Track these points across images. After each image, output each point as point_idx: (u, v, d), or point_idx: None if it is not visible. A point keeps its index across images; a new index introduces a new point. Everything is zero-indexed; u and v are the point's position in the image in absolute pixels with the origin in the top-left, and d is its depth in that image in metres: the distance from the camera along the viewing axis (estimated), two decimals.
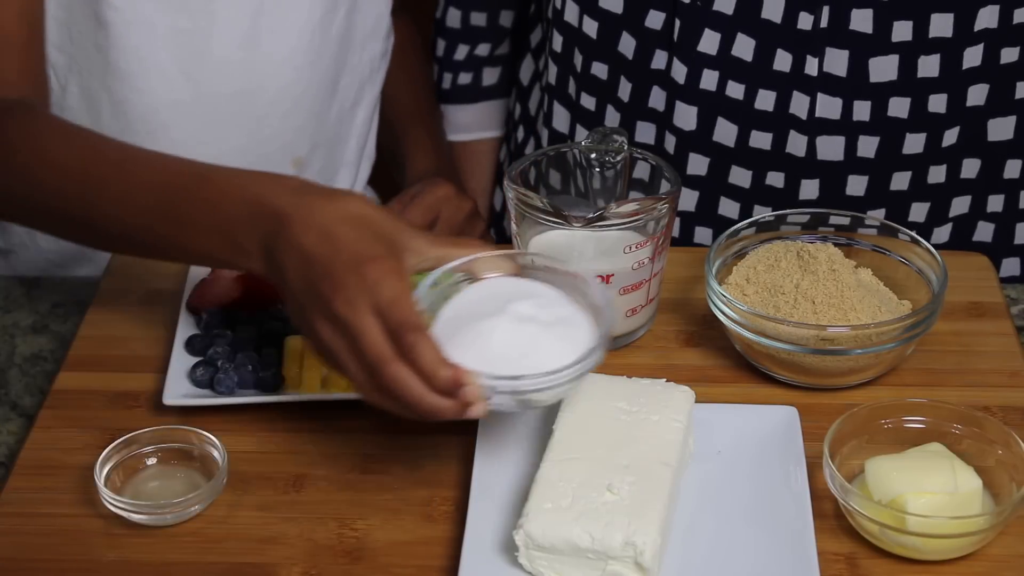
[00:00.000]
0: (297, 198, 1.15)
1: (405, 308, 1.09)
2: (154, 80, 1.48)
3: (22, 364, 1.38)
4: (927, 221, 1.54)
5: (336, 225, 1.12)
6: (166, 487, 1.20)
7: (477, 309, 1.14)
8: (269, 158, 1.56)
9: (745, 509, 1.17)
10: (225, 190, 1.18)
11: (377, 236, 1.13)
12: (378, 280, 1.09)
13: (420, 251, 1.14)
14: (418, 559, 1.15)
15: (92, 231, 1.26)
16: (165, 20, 1.46)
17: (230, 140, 1.54)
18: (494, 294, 1.15)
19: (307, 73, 1.55)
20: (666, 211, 1.29)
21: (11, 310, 1.44)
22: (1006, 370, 1.32)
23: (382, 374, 1.09)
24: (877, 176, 1.51)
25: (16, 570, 1.15)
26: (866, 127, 1.49)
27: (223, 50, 1.49)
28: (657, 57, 1.51)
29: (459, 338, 1.12)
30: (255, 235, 1.15)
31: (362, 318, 1.09)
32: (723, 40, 1.47)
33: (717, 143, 1.52)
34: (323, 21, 1.54)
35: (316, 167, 1.61)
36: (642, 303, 1.33)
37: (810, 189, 1.52)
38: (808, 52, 1.46)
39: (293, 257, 1.13)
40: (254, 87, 1.53)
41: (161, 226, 1.21)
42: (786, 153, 1.50)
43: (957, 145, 1.51)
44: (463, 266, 1.16)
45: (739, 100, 1.49)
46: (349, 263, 1.10)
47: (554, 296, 1.16)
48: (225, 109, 1.52)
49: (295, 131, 1.57)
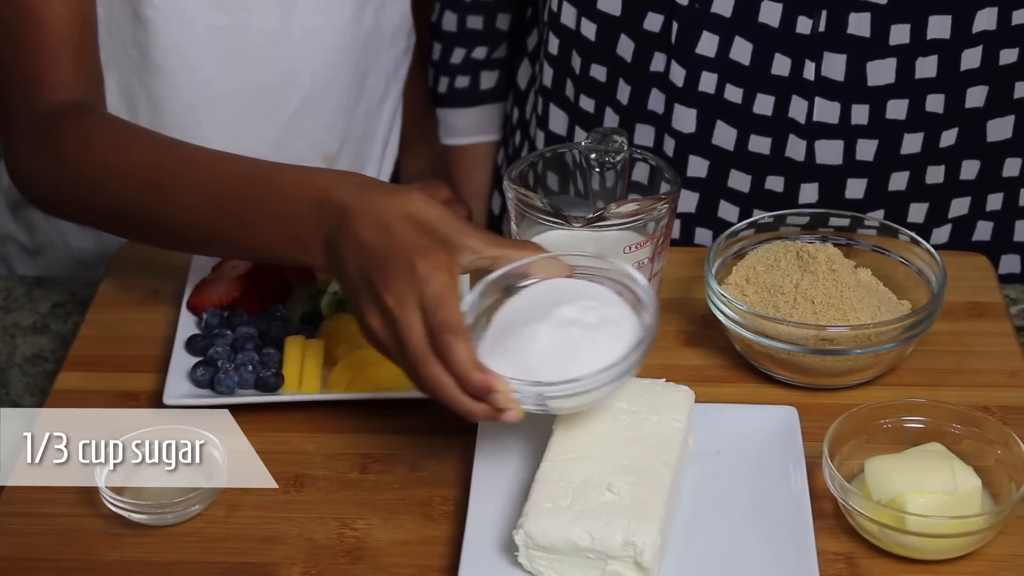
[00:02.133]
0: (360, 193, 1.17)
1: (447, 307, 1.11)
2: (191, 77, 1.50)
3: (22, 364, 1.38)
4: (926, 222, 1.54)
5: (395, 220, 1.15)
6: (166, 487, 1.20)
7: (525, 315, 1.15)
8: (301, 154, 1.57)
9: (745, 509, 1.17)
10: (289, 188, 1.21)
11: (433, 232, 1.15)
12: (427, 275, 1.11)
13: (476, 250, 1.16)
14: (418, 559, 1.15)
15: (155, 231, 1.28)
16: (203, 17, 1.47)
17: (263, 136, 1.55)
18: (543, 298, 1.16)
19: (338, 69, 1.56)
20: (666, 211, 1.29)
21: (11, 310, 1.45)
22: (1005, 370, 1.32)
23: (419, 372, 1.11)
24: (876, 178, 1.51)
25: (16, 570, 1.15)
26: (864, 130, 1.48)
27: (257, 46, 1.51)
28: (656, 60, 1.51)
29: (505, 343, 1.14)
30: (319, 231, 1.18)
31: (408, 313, 1.11)
32: (721, 43, 1.47)
33: (716, 146, 1.52)
34: (353, 18, 1.55)
35: (345, 163, 1.62)
36: None
37: (809, 193, 1.52)
38: (806, 56, 1.46)
39: (352, 249, 1.15)
40: (287, 83, 1.54)
41: (225, 226, 1.23)
42: (785, 157, 1.50)
43: (956, 146, 1.51)
44: (517, 269, 1.17)
45: (737, 104, 1.49)
46: (401, 256, 1.13)
47: (603, 296, 1.16)
48: (259, 104, 1.53)
49: (326, 127, 1.58)
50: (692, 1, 1.47)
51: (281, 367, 1.29)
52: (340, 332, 1.32)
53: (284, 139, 1.56)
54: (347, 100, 1.59)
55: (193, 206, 1.24)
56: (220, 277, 1.38)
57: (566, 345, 1.12)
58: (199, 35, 1.48)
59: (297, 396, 1.28)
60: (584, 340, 1.12)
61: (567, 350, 1.12)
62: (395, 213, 1.15)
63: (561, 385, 1.10)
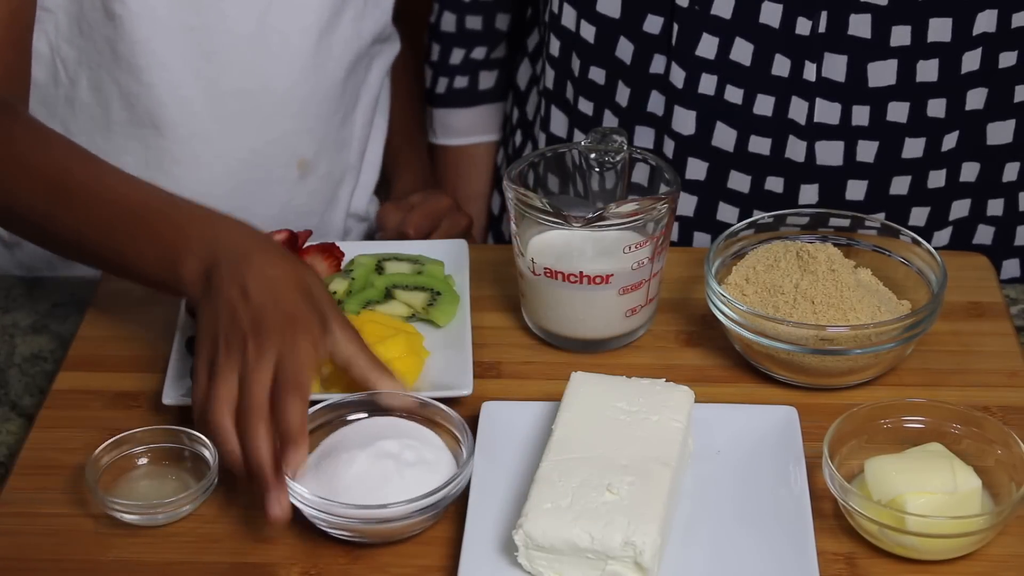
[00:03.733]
0: (259, 245, 1.22)
1: (304, 373, 1.15)
2: (162, 74, 1.49)
3: (22, 364, 1.38)
4: (927, 225, 1.54)
5: (286, 281, 1.19)
6: (157, 487, 1.20)
7: (347, 444, 1.18)
8: (275, 158, 1.57)
9: (745, 509, 1.17)
10: (185, 218, 1.24)
11: (316, 307, 1.19)
12: (296, 341, 1.16)
13: (338, 343, 1.20)
14: (417, 559, 1.15)
15: (50, 237, 1.30)
16: (173, 16, 1.47)
17: (236, 139, 1.55)
18: (368, 432, 1.19)
19: (313, 75, 1.55)
20: (665, 211, 1.29)
21: (11, 310, 1.44)
22: (1006, 370, 1.32)
23: (248, 425, 1.13)
24: (876, 181, 1.51)
25: (16, 570, 1.15)
26: (865, 132, 1.48)
27: (230, 48, 1.50)
28: (656, 61, 1.51)
29: (321, 465, 1.16)
30: (201, 263, 1.21)
31: (263, 366, 1.15)
32: (721, 44, 1.47)
33: (716, 148, 1.52)
34: (329, 25, 1.54)
35: (322, 171, 1.62)
36: (641, 303, 1.33)
37: (809, 194, 1.52)
38: (806, 57, 1.46)
39: (233, 290, 1.18)
40: (260, 87, 1.53)
41: (115, 239, 1.25)
42: (785, 158, 1.50)
43: (956, 149, 1.50)
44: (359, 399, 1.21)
45: (738, 105, 1.49)
46: (280, 315, 1.17)
47: (428, 439, 1.19)
48: (231, 107, 1.53)
49: (300, 133, 1.58)
50: (692, 3, 1.47)
51: None
52: None
53: (258, 143, 1.56)
54: (324, 107, 1.58)
55: (92, 216, 1.26)
56: None
57: (380, 475, 1.15)
58: (170, 33, 1.48)
59: None
60: (396, 474, 1.15)
61: (380, 479, 1.14)
62: (289, 275, 1.20)
63: (372, 510, 1.13)
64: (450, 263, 1.42)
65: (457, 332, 1.34)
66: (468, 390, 1.27)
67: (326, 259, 1.41)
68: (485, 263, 1.44)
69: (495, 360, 1.34)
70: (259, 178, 1.57)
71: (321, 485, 1.14)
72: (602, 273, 1.30)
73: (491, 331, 1.37)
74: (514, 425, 1.23)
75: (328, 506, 1.13)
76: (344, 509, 1.13)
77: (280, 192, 1.60)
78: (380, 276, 1.39)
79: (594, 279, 1.30)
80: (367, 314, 1.34)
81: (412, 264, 1.41)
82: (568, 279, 1.30)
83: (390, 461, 1.15)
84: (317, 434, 1.20)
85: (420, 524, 1.15)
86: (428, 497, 1.13)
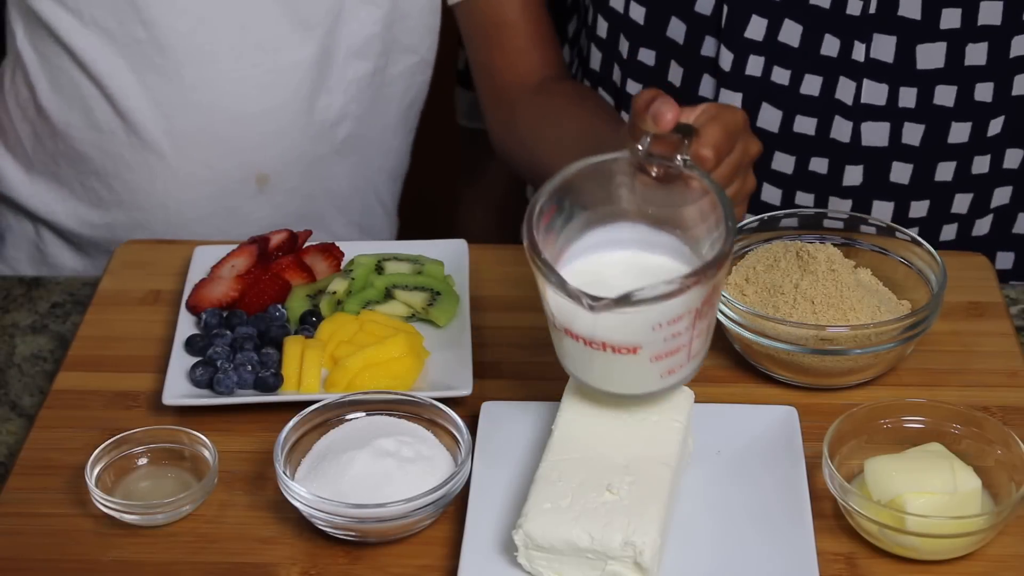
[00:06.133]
0: None
1: None
2: (113, 83, 1.53)
3: (22, 364, 1.38)
4: (969, 212, 1.54)
5: None
6: (157, 487, 1.20)
7: (344, 444, 1.18)
8: (229, 174, 1.58)
9: (744, 509, 1.17)
10: None
11: None
12: None
13: None
14: (418, 559, 1.15)
15: None
16: (119, 28, 1.50)
17: (191, 152, 1.56)
18: (363, 432, 1.19)
19: (271, 91, 1.55)
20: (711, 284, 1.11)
21: (11, 310, 1.44)
22: (1005, 370, 1.32)
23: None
24: (922, 165, 1.51)
25: (16, 570, 1.15)
26: (912, 114, 1.49)
27: (177, 64, 1.52)
28: (707, 44, 1.51)
29: (320, 468, 1.16)
30: None
31: None
32: (770, 26, 1.48)
33: (761, 128, 1.52)
34: (291, 40, 1.54)
35: (288, 185, 1.61)
36: (682, 362, 1.15)
37: (854, 175, 1.52)
38: (856, 38, 1.46)
39: None
40: (209, 102, 1.54)
41: None
42: (830, 139, 1.51)
43: (1001, 135, 1.51)
44: None
45: (784, 86, 1.49)
46: None
47: (421, 435, 1.19)
48: (183, 121, 1.54)
49: (256, 149, 1.58)
50: None
51: (280, 367, 1.29)
52: (340, 332, 1.32)
53: (213, 157, 1.58)
54: (287, 122, 1.59)
55: None
56: (219, 277, 1.38)
57: (381, 473, 1.15)
58: (116, 44, 1.51)
59: (296, 396, 1.27)
60: (398, 471, 1.15)
61: (380, 478, 1.14)
62: None
63: (371, 509, 1.12)
64: (450, 263, 1.42)
65: (457, 332, 1.34)
66: (468, 390, 1.27)
67: (326, 259, 1.41)
68: (485, 263, 1.44)
69: (495, 360, 1.34)
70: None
71: (321, 485, 1.14)
72: (628, 345, 1.12)
73: (491, 331, 1.37)
74: (514, 425, 1.23)
75: (329, 506, 1.13)
76: (344, 509, 1.13)
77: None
78: (380, 276, 1.39)
79: (619, 349, 1.12)
80: (367, 314, 1.34)
81: (412, 264, 1.41)
82: (590, 344, 1.12)
83: (390, 459, 1.16)
84: (315, 434, 1.20)
85: (420, 523, 1.15)
86: (428, 495, 1.13)
